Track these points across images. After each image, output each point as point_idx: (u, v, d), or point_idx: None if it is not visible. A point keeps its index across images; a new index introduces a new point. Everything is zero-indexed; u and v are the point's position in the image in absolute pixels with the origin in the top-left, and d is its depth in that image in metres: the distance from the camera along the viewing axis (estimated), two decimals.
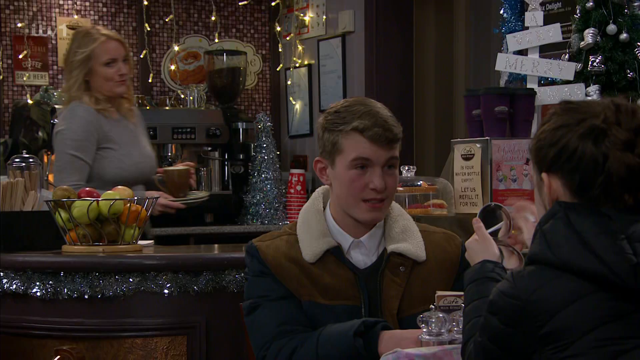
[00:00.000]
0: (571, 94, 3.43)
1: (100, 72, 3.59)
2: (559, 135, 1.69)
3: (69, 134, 3.55)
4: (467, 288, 1.88)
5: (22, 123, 5.31)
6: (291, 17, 6.11)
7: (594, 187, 1.65)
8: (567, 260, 1.61)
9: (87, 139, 3.54)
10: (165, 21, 5.93)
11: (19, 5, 5.58)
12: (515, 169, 3.17)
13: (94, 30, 3.66)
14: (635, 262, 1.57)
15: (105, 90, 3.60)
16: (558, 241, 1.63)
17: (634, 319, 1.58)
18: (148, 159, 3.73)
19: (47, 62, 5.67)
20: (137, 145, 3.68)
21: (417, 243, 2.29)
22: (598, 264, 1.58)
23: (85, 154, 3.54)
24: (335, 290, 2.22)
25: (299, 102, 6.05)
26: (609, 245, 1.59)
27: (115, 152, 3.59)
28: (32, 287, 2.81)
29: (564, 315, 1.58)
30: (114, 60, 3.60)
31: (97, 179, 3.54)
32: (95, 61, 3.58)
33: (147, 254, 2.92)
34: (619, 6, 3.53)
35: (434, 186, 3.21)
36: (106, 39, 3.61)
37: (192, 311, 2.81)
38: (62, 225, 2.89)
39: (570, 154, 1.67)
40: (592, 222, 1.63)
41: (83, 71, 3.58)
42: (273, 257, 2.26)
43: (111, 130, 3.60)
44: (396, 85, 5.58)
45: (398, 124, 2.23)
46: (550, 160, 1.71)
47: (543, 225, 1.67)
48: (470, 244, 2.01)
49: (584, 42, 3.52)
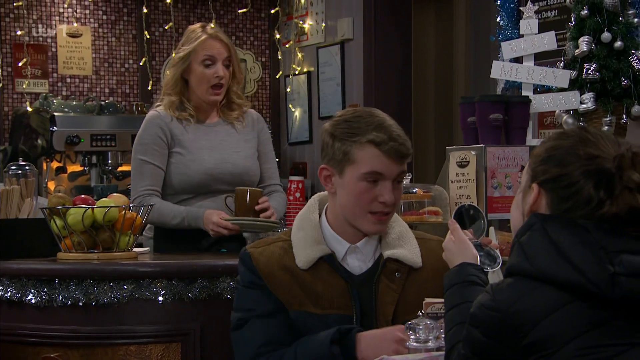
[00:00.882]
0: (566, 101, 3.44)
1: (197, 71, 3.34)
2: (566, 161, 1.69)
3: (137, 139, 3.37)
4: (448, 292, 1.88)
5: (22, 130, 5.34)
6: (290, 25, 6.13)
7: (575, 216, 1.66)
8: (545, 271, 1.62)
9: (154, 142, 3.32)
10: (165, 29, 5.95)
11: (19, 13, 5.61)
12: (510, 177, 3.17)
13: (200, 27, 3.41)
14: (612, 271, 1.58)
15: (199, 92, 3.36)
16: (536, 252, 1.64)
17: (613, 326, 1.59)
18: (230, 166, 3.39)
19: (46, 69, 5.69)
20: (217, 152, 3.38)
21: (413, 249, 2.29)
22: (576, 274, 1.59)
23: (154, 157, 3.31)
24: (327, 299, 2.22)
25: (299, 109, 6.07)
26: (586, 256, 1.60)
27: (182, 157, 3.34)
28: (27, 295, 2.82)
29: (544, 326, 1.59)
30: (213, 61, 3.34)
31: (167, 185, 3.36)
32: (193, 59, 3.34)
33: (141, 261, 2.93)
34: (614, 14, 3.53)
35: (429, 193, 3.21)
36: (208, 37, 3.35)
37: (186, 318, 2.81)
38: (57, 233, 2.90)
39: (568, 185, 1.68)
40: (569, 232, 1.63)
41: (180, 68, 3.34)
42: (265, 264, 2.26)
43: (183, 134, 3.35)
44: (395, 92, 5.59)
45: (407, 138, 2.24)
46: (547, 178, 1.71)
47: (520, 237, 1.68)
48: (447, 244, 2.02)
49: (578, 50, 3.53)
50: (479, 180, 3.17)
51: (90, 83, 5.83)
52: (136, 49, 5.91)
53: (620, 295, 1.57)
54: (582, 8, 3.58)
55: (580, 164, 1.68)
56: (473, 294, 1.78)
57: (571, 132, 1.74)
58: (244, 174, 3.42)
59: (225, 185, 3.38)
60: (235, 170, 3.40)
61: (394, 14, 5.58)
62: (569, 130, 1.76)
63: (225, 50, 3.36)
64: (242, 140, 3.46)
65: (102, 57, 5.86)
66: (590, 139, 1.71)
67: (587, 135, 1.71)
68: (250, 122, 3.50)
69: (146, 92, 5.91)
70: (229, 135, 3.44)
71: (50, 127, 5.16)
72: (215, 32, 3.39)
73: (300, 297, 2.23)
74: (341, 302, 2.22)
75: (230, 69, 3.39)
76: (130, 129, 5.37)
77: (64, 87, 5.75)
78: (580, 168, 1.67)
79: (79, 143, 5.23)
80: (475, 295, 1.72)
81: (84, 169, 5.42)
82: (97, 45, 5.85)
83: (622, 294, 1.57)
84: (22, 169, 3.20)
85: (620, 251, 1.60)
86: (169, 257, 3.20)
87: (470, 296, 1.79)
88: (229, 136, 3.44)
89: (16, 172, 3.19)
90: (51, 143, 5.18)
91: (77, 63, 5.79)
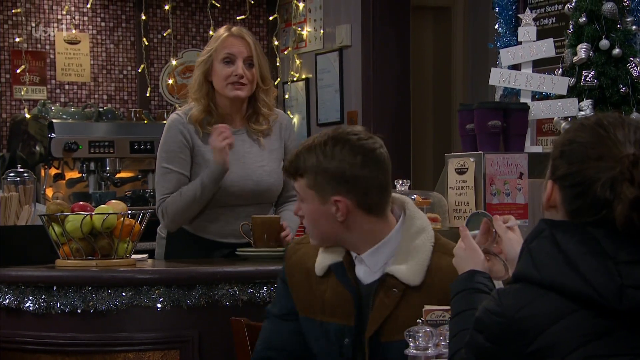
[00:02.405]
0: (564, 108, 3.44)
1: (217, 70, 3.20)
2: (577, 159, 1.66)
3: (161, 146, 3.25)
4: (454, 299, 1.87)
5: (20, 137, 5.34)
6: (289, 32, 6.14)
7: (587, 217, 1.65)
8: (553, 280, 1.61)
9: (178, 149, 3.19)
10: (163, 35, 5.95)
11: (17, 19, 5.61)
12: (508, 183, 3.18)
13: (225, 28, 3.27)
14: (621, 283, 1.57)
15: (221, 91, 3.20)
16: (544, 260, 1.62)
17: (618, 336, 1.58)
18: (252, 184, 3.23)
19: (45, 76, 5.69)
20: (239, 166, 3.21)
21: (417, 265, 2.20)
22: (583, 284, 1.58)
23: (175, 164, 3.19)
24: (332, 307, 2.22)
25: (297, 115, 6.07)
26: (594, 266, 1.59)
27: (200, 170, 3.19)
28: (25, 302, 2.81)
29: (549, 333, 1.58)
30: (232, 59, 3.19)
31: None
32: (215, 57, 3.20)
33: (139, 268, 2.93)
34: (612, 22, 3.55)
35: (428, 200, 3.22)
36: (229, 34, 3.22)
37: (184, 325, 2.80)
38: (56, 240, 2.90)
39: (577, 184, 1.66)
40: (578, 241, 1.62)
41: (203, 69, 3.21)
42: (293, 263, 2.31)
43: (202, 145, 3.21)
44: (393, 99, 5.59)
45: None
46: (560, 175, 1.70)
47: (529, 243, 1.67)
48: (458, 251, 1.99)
49: (577, 57, 3.54)
50: (477, 187, 3.18)
51: (89, 90, 5.83)
52: (134, 56, 5.91)
53: (628, 307, 1.56)
54: (581, 15, 3.59)
55: (588, 165, 1.65)
56: (479, 301, 1.77)
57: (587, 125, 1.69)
58: (265, 192, 3.30)
59: (245, 201, 3.26)
60: (257, 188, 3.26)
61: (393, 21, 5.59)
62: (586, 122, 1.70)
63: (246, 50, 3.20)
64: (267, 150, 3.30)
65: (100, 64, 5.86)
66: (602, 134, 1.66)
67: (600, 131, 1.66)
68: (277, 128, 3.33)
69: (144, 98, 5.91)
70: (254, 144, 3.28)
71: (48, 133, 5.15)
72: (238, 30, 3.25)
73: (310, 302, 2.25)
74: (345, 311, 2.21)
75: (253, 69, 3.21)
76: (129, 136, 5.37)
77: (62, 93, 5.75)
78: (589, 169, 1.64)
79: (77, 150, 5.22)
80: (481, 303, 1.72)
81: (82, 175, 5.41)
82: (96, 51, 5.85)
83: (630, 305, 1.56)
84: (20, 176, 3.19)
85: (629, 262, 1.59)
86: (167, 264, 3.20)
87: (476, 304, 1.78)
88: (253, 146, 3.28)
89: (14, 179, 3.19)
90: (49, 150, 5.17)
91: (76, 70, 5.79)
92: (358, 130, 2.25)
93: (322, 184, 2.18)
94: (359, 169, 2.18)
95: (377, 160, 2.20)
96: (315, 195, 2.19)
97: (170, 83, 5.96)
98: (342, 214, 2.18)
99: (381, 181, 2.21)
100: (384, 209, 2.23)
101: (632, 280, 1.57)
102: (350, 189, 2.18)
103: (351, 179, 2.18)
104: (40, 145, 5.19)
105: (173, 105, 5.86)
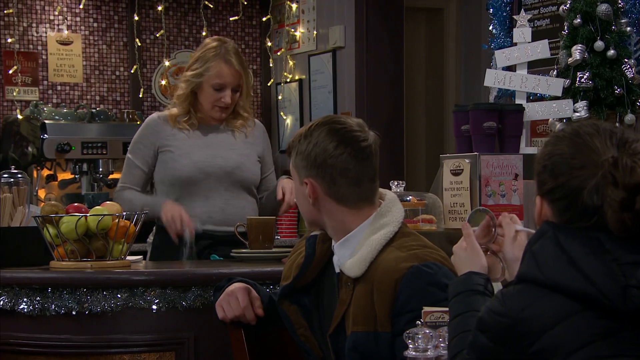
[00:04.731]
0: (559, 109, 3.44)
1: (206, 92, 3.42)
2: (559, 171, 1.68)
3: (134, 138, 3.51)
4: (453, 300, 1.87)
5: (12, 138, 5.31)
6: (282, 33, 6.13)
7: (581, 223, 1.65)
8: (556, 280, 1.61)
9: (141, 142, 3.46)
10: (156, 36, 5.94)
11: (9, 20, 5.59)
12: (504, 185, 3.18)
13: (218, 46, 3.44)
14: (625, 284, 1.57)
15: (206, 108, 3.45)
16: (547, 261, 1.63)
17: (622, 337, 1.58)
18: (221, 161, 3.42)
19: (37, 77, 5.67)
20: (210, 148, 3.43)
21: (359, 258, 2.19)
22: (587, 284, 1.58)
23: (136, 157, 3.45)
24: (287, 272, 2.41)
25: (290, 116, 6.06)
26: (597, 266, 1.59)
27: (172, 154, 3.42)
28: (20, 303, 2.80)
29: (552, 334, 1.58)
30: (222, 87, 3.42)
31: (158, 183, 3.46)
32: (205, 79, 3.41)
33: (135, 270, 2.92)
34: (607, 23, 3.55)
35: (423, 201, 3.21)
36: (223, 62, 3.41)
37: (180, 327, 2.80)
38: (50, 241, 2.88)
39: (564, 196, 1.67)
40: (581, 242, 1.62)
41: (191, 86, 3.43)
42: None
43: (175, 136, 3.44)
44: (387, 100, 5.59)
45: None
46: (547, 189, 1.70)
47: (532, 245, 1.67)
48: (458, 250, 1.98)
49: (571, 59, 3.54)
50: (473, 188, 3.18)
51: (81, 90, 5.81)
52: (127, 57, 5.89)
53: (632, 307, 1.56)
54: (575, 17, 3.59)
55: (572, 175, 1.66)
56: (478, 303, 1.77)
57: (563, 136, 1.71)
58: (236, 170, 3.44)
59: (217, 183, 3.39)
60: (226, 164, 3.42)
61: (386, 22, 5.59)
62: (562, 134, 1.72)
63: (235, 80, 3.42)
64: (241, 141, 3.50)
65: (92, 65, 5.84)
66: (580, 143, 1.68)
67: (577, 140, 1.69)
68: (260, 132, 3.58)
69: (137, 99, 5.89)
70: (228, 136, 3.50)
71: (40, 134, 5.13)
72: (230, 56, 3.41)
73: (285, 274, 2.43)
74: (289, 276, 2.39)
75: (237, 94, 3.46)
76: (121, 137, 5.34)
77: (55, 94, 5.73)
78: (573, 179, 1.66)
79: (70, 151, 5.20)
80: (480, 305, 1.72)
81: (75, 176, 5.39)
82: (88, 52, 5.83)
83: (634, 306, 1.56)
84: (14, 177, 3.18)
85: (633, 262, 1.59)
86: (162, 266, 3.19)
87: (474, 305, 1.78)
88: (227, 137, 3.49)
89: (8, 180, 3.17)
90: (42, 151, 5.15)
91: (68, 70, 5.77)
92: (351, 121, 2.26)
93: (299, 164, 2.27)
94: (330, 157, 2.20)
95: (355, 152, 2.21)
96: (296, 174, 2.29)
97: (163, 84, 5.94)
98: (311, 197, 2.24)
99: (355, 174, 2.21)
100: (355, 202, 2.23)
101: (635, 281, 1.57)
102: (318, 173, 2.22)
103: (321, 164, 2.21)
104: (33, 146, 5.17)
105: (166, 106, 5.84)
